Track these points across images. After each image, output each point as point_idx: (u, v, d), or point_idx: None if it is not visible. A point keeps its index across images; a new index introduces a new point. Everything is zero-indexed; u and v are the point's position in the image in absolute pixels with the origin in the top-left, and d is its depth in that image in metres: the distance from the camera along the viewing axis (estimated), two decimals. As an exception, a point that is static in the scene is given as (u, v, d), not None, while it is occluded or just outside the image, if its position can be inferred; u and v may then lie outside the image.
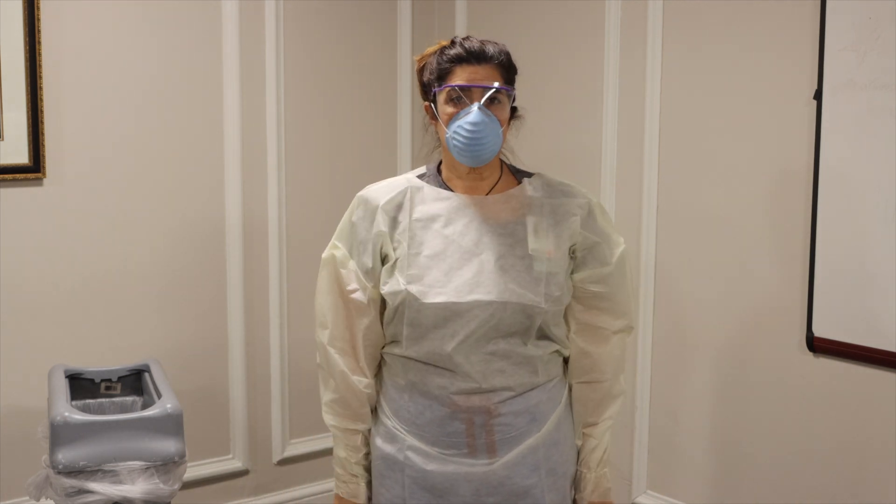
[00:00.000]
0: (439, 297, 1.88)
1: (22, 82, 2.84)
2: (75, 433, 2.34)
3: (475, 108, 1.84)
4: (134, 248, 3.10)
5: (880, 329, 2.46)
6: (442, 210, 1.94)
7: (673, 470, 3.04)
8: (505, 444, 1.94)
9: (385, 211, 1.94)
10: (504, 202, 1.96)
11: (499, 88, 1.86)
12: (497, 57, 1.88)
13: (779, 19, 2.65)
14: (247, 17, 3.22)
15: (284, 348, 3.40)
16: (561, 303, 1.95)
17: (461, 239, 1.91)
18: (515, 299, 1.89)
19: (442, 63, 1.89)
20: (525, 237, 1.93)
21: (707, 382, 2.92)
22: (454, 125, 1.85)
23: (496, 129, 1.86)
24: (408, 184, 1.98)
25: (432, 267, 1.90)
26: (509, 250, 1.92)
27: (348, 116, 3.49)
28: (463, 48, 1.87)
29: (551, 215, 1.96)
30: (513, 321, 1.90)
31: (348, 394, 2.00)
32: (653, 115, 2.97)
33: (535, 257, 1.92)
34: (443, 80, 1.88)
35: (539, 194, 1.97)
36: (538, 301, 1.90)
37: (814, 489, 2.66)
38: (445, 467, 1.94)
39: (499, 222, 1.94)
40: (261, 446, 3.41)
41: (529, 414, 1.96)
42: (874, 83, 2.42)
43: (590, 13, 3.13)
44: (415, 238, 1.92)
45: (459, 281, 1.89)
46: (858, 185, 2.48)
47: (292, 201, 3.37)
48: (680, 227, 2.95)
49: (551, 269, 1.92)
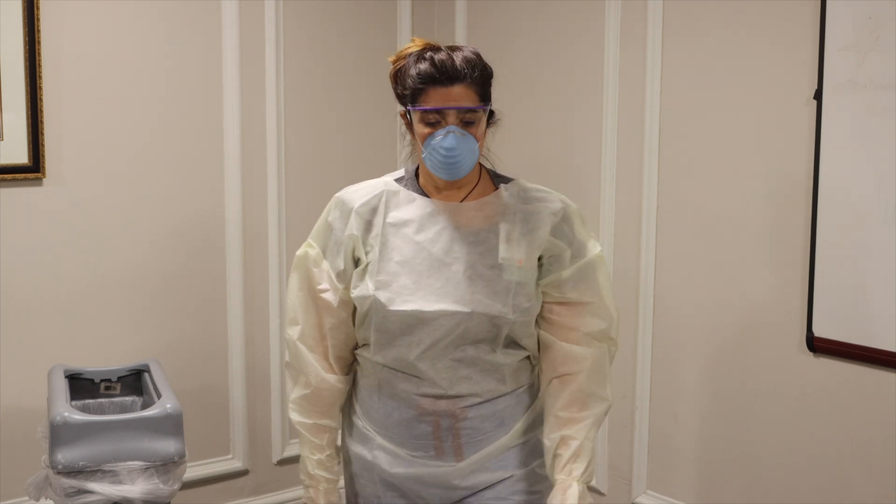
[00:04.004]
0: (406, 305, 1.87)
1: (22, 82, 2.84)
2: (75, 433, 2.34)
3: (449, 131, 1.82)
4: (134, 248, 3.10)
5: (880, 329, 2.46)
6: (415, 215, 1.93)
7: (673, 470, 3.04)
8: (471, 447, 1.95)
9: (359, 214, 1.94)
10: (478, 209, 1.94)
11: (472, 109, 1.83)
12: (470, 74, 1.82)
13: (779, 19, 2.65)
14: (247, 18, 3.22)
15: (284, 348, 3.39)
16: (529, 313, 1.93)
17: (432, 246, 1.90)
18: (482, 310, 1.87)
19: (415, 83, 1.83)
20: (497, 245, 1.91)
21: (707, 382, 2.92)
22: (430, 145, 1.84)
23: (472, 146, 1.84)
24: (384, 187, 1.97)
25: (401, 274, 1.89)
26: (480, 259, 1.90)
27: (348, 117, 3.49)
28: (434, 66, 1.82)
29: (524, 223, 1.93)
30: (480, 330, 1.89)
31: (321, 388, 2.00)
32: (653, 115, 2.97)
33: (504, 267, 1.90)
34: (416, 99, 1.85)
35: (514, 201, 1.94)
36: (506, 312, 1.88)
37: (814, 489, 2.66)
38: (413, 469, 1.96)
39: (471, 230, 1.92)
40: (261, 446, 3.41)
41: (497, 418, 1.96)
42: (874, 83, 2.42)
43: (590, 13, 3.13)
44: (386, 243, 1.91)
45: (427, 289, 1.88)
46: (858, 186, 2.48)
47: (292, 201, 3.37)
48: (680, 227, 2.95)
49: (521, 279, 1.90)
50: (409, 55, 1.88)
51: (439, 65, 1.82)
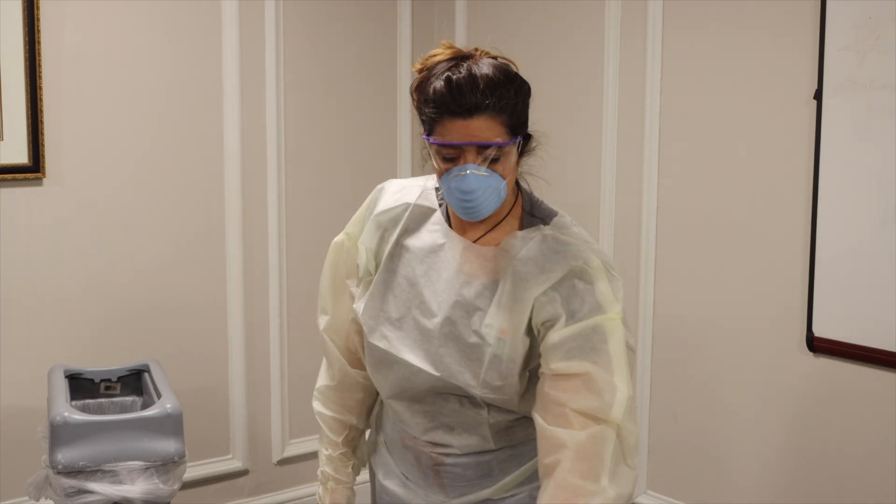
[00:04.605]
0: (381, 342, 1.70)
1: (22, 82, 2.84)
2: (75, 433, 2.34)
3: (467, 171, 1.54)
4: (134, 248, 3.09)
5: (880, 329, 2.46)
6: (427, 244, 1.71)
7: (673, 470, 3.04)
8: (456, 489, 1.76)
9: (377, 222, 1.76)
10: (489, 258, 1.66)
11: (497, 145, 1.54)
12: (494, 103, 1.53)
13: (779, 19, 2.65)
14: (247, 18, 3.22)
15: (284, 348, 3.40)
16: (502, 393, 1.63)
17: (426, 287, 1.68)
18: (447, 376, 1.64)
19: (430, 110, 1.56)
20: (487, 307, 1.63)
21: (707, 382, 2.92)
22: (447, 182, 1.58)
23: (496, 185, 1.56)
24: (416, 199, 1.74)
25: (390, 304, 1.71)
26: (465, 317, 1.64)
27: (348, 117, 3.49)
28: (450, 91, 1.52)
29: (521, 282, 1.61)
30: (448, 387, 1.66)
31: (345, 381, 1.88)
32: (653, 115, 2.97)
33: (485, 335, 1.62)
34: (432, 129, 1.57)
35: (532, 254, 1.62)
36: (472, 385, 1.63)
37: (814, 489, 2.66)
38: (403, 489, 1.84)
39: (469, 280, 1.65)
40: (261, 446, 3.41)
41: (482, 468, 1.74)
42: (874, 83, 2.42)
43: (590, 13, 3.13)
44: (391, 267, 1.72)
45: (406, 333, 1.68)
46: (858, 185, 2.48)
47: (292, 202, 3.37)
48: (680, 227, 2.95)
49: (498, 353, 1.61)
50: (434, 67, 1.60)
51: (456, 90, 1.52)
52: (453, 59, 1.59)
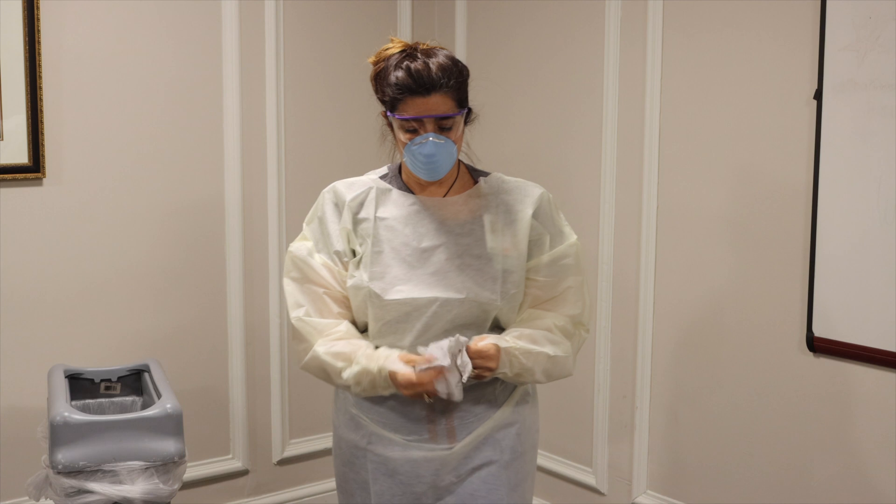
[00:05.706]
0: (400, 294, 1.97)
1: (22, 82, 2.84)
2: (75, 433, 2.34)
3: (429, 139, 1.93)
4: (133, 248, 3.10)
5: (880, 329, 2.46)
6: (402, 211, 2.03)
7: (673, 470, 3.04)
8: (464, 429, 2.03)
9: (350, 208, 2.05)
10: (462, 203, 2.05)
11: (449, 116, 1.93)
12: (446, 83, 1.92)
13: (779, 19, 2.65)
14: (247, 18, 3.22)
15: (284, 348, 3.40)
16: (516, 299, 2.04)
17: (421, 239, 2.01)
18: (472, 296, 1.98)
19: (394, 92, 1.93)
20: (483, 236, 2.02)
21: (707, 382, 2.92)
22: (410, 150, 1.96)
23: (450, 150, 1.96)
24: (372, 184, 2.08)
25: (393, 265, 1.99)
26: (467, 250, 2.01)
27: (348, 116, 3.49)
28: (411, 76, 1.91)
29: (507, 213, 2.05)
30: (469, 315, 2.00)
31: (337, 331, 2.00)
32: (653, 115, 2.97)
33: (492, 255, 2.01)
34: (395, 107, 1.95)
35: (494, 192, 2.07)
36: (494, 298, 2.00)
37: (814, 489, 2.66)
38: (407, 453, 2.02)
39: (457, 222, 2.03)
40: (261, 446, 3.41)
41: (487, 400, 2.05)
42: (874, 83, 2.42)
43: (590, 13, 3.13)
44: (377, 237, 2.01)
45: (419, 279, 1.99)
46: (858, 185, 2.48)
47: (292, 202, 3.37)
48: (680, 227, 2.95)
49: (507, 267, 2.02)
50: (388, 58, 1.97)
51: (416, 75, 1.91)
52: (404, 50, 1.97)
